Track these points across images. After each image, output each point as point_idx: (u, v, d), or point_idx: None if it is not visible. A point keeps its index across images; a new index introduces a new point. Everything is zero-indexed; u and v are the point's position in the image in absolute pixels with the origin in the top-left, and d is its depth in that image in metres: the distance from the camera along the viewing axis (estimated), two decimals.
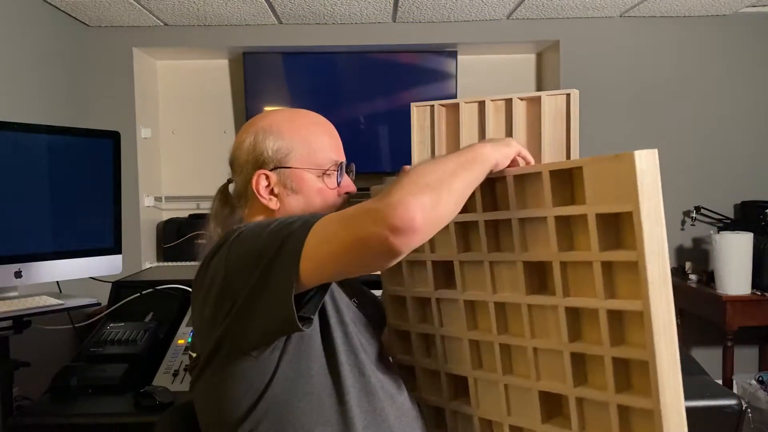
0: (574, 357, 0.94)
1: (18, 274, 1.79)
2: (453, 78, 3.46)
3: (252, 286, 0.91)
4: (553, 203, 0.93)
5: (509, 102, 2.33)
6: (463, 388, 1.12)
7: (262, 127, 1.12)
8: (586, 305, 0.92)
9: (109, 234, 2.01)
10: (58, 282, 1.95)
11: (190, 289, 1.09)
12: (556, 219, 0.93)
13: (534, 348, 0.99)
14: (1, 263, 1.75)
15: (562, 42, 3.37)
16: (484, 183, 0.96)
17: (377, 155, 3.46)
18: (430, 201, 0.83)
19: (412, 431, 1.07)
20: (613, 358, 0.89)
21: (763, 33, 3.39)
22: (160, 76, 3.63)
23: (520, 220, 0.98)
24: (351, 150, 1.17)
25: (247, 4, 2.98)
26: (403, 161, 2.58)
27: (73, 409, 1.52)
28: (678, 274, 3.25)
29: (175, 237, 3.29)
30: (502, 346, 1.04)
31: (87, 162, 1.97)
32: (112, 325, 1.85)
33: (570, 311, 0.94)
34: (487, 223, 1.02)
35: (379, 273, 1.18)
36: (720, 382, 2.71)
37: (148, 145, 3.46)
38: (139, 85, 3.37)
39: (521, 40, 3.42)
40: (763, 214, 3.00)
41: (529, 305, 0.99)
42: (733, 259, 2.84)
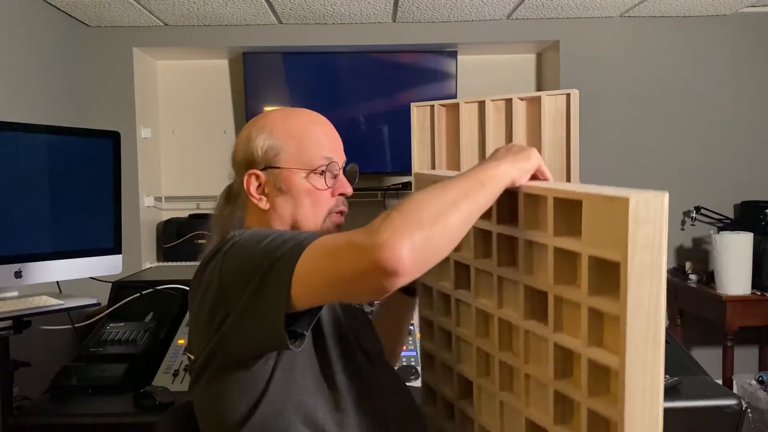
0: (557, 394, 0.89)
1: (18, 274, 1.79)
2: (453, 78, 3.46)
3: (244, 302, 0.89)
4: (556, 231, 0.85)
5: (509, 102, 2.34)
6: (470, 390, 1.11)
7: (257, 126, 1.11)
8: (570, 346, 0.85)
9: (109, 234, 2.01)
10: (58, 282, 1.95)
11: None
12: (556, 249, 0.86)
13: (526, 374, 0.95)
14: (1, 263, 1.75)
15: (562, 42, 3.37)
16: (503, 193, 0.90)
17: (377, 155, 3.45)
18: (420, 241, 0.77)
19: None
20: (588, 408, 0.83)
21: (763, 33, 3.39)
22: (160, 76, 3.63)
23: (527, 241, 0.92)
24: (351, 150, 1.15)
25: (247, 4, 2.98)
26: (403, 161, 2.58)
27: (73, 409, 1.52)
28: (678, 274, 3.25)
29: (175, 237, 3.29)
30: (502, 363, 1.01)
31: (87, 162, 1.97)
32: (112, 325, 1.85)
33: (559, 346, 0.88)
34: (500, 236, 0.97)
35: None
36: (720, 382, 2.71)
37: (148, 145, 3.45)
38: (139, 85, 3.36)
39: (521, 40, 3.41)
40: (763, 214, 3.00)
41: (525, 330, 0.94)
42: (733, 259, 2.84)
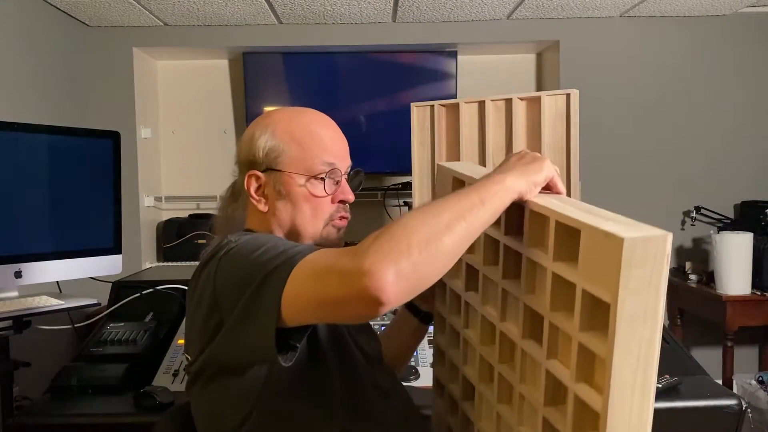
0: (545, 420, 0.85)
1: (18, 274, 1.79)
2: (453, 78, 3.45)
3: (236, 315, 0.88)
4: (556, 256, 0.80)
5: (509, 102, 2.33)
6: (473, 393, 1.09)
7: (262, 125, 1.08)
8: (559, 377, 0.81)
9: (109, 234, 2.01)
10: (58, 282, 1.95)
11: None
12: (554, 274, 0.80)
13: (520, 393, 0.92)
14: (1, 263, 1.75)
15: (562, 42, 3.37)
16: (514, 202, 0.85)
17: (377, 155, 3.45)
18: (407, 269, 0.72)
19: None
20: None
21: (763, 33, 3.39)
22: (160, 76, 3.63)
23: (530, 260, 0.86)
24: (351, 150, 1.13)
25: (247, 4, 2.98)
26: (403, 161, 2.58)
27: (73, 409, 1.52)
28: (678, 274, 3.25)
29: (175, 237, 3.29)
30: (501, 376, 0.97)
31: (87, 162, 1.97)
32: (112, 325, 1.85)
33: (551, 374, 0.83)
34: (507, 248, 0.92)
35: None
36: (720, 382, 2.71)
37: (148, 145, 3.45)
38: (139, 85, 3.36)
39: (521, 40, 3.41)
40: (763, 214, 3.00)
41: (522, 349, 0.90)
42: (733, 259, 2.84)
